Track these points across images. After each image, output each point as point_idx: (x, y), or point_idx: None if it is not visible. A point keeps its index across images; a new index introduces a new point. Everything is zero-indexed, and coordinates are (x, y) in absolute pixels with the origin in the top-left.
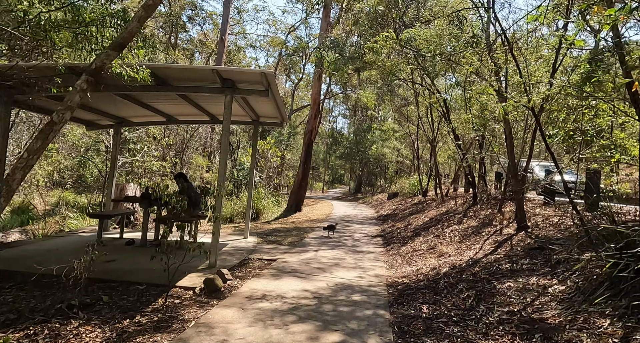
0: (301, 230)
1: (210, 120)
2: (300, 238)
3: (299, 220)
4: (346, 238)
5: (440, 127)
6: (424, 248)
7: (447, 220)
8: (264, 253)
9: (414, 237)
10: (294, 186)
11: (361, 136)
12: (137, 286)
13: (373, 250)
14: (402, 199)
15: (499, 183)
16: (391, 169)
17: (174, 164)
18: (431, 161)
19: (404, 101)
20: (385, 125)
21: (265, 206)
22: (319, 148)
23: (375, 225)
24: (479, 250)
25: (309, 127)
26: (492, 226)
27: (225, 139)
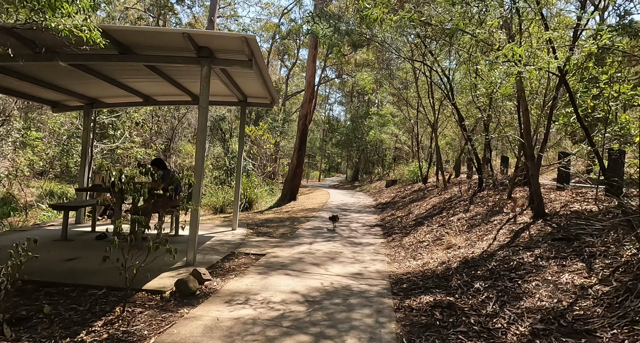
0: (295, 220)
1: (193, 101)
2: (293, 229)
3: (294, 209)
4: (343, 228)
5: (442, 110)
6: (429, 239)
7: (452, 207)
8: (252, 246)
9: (416, 227)
10: (288, 174)
11: (358, 122)
12: (95, 291)
13: (373, 242)
14: (401, 187)
15: (505, 168)
16: (389, 156)
17: (163, 152)
18: (432, 145)
19: (402, 84)
20: (383, 109)
21: (258, 195)
22: (315, 136)
23: (374, 213)
24: (492, 241)
25: (304, 112)
26: (503, 213)
27: (202, 119)
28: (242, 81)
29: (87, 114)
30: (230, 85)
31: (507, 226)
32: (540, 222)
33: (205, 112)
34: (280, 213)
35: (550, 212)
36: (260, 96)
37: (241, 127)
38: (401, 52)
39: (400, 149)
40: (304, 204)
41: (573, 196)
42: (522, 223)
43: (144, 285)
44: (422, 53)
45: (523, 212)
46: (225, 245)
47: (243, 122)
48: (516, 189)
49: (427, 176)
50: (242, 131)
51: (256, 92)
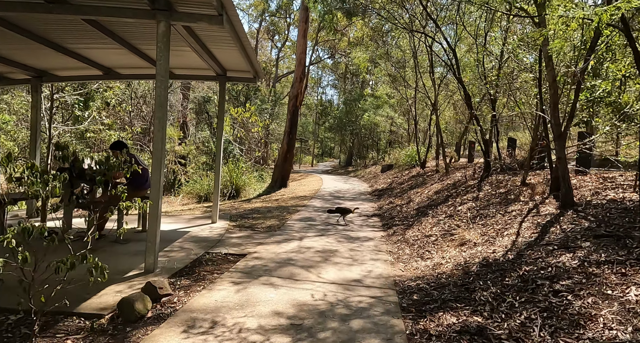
0: (284, 210)
1: None
2: (282, 220)
3: (284, 197)
4: (336, 218)
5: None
6: (437, 232)
7: (458, 194)
8: (232, 244)
9: (420, 217)
10: (278, 160)
11: (352, 105)
12: (5, 317)
13: (372, 235)
14: (397, 172)
15: (513, 151)
16: (383, 140)
17: (142, 136)
18: (430, 128)
19: (400, 63)
20: (378, 90)
21: (246, 182)
22: (308, 120)
23: (371, 201)
24: (516, 237)
25: (294, 92)
26: (521, 202)
27: (161, 91)
28: (218, 50)
29: (36, 89)
30: (205, 55)
31: (530, 218)
32: (571, 213)
33: (164, 83)
34: (269, 201)
35: (579, 201)
36: (242, 69)
37: (220, 105)
38: (400, 20)
39: (395, 132)
40: (295, 191)
41: (601, 182)
42: (547, 214)
43: (78, 305)
44: (423, 26)
45: (545, 201)
46: (201, 242)
47: (223, 100)
48: (530, 174)
49: (425, 160)
50: (221, 110)
51: (236, 65)
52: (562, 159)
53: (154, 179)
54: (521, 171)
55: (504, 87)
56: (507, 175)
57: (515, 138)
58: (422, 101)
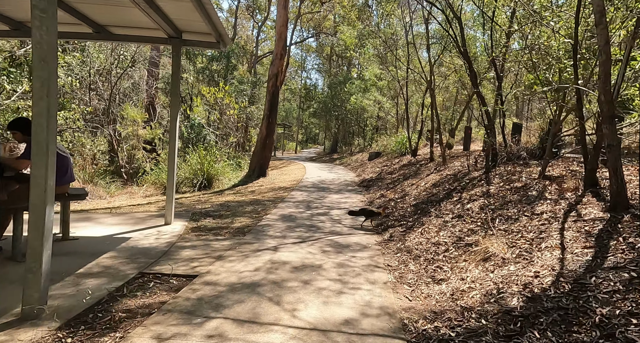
0: (260, 205)
1: (95, 33)
2: (255, 220)
3: (262, 188)
4: (321, 217)
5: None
6: (447, 239)
7: (463, 189)
8: (181, 259)
9: (420, 216)
10: (256, 146)
11: (337, 88)
12: None
13: (364, 241)
14: (386, 160)
15: (519, 137)
16: (370, 126)
17: (100, 117)
18: (422, 112)
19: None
20: (367, 70)
21: (220, 171)
22: (292, 106)
23: (359, 193)
24: (561, 253)
25: (274, 70)
26: (548, 200)
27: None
28: (165, 1)
29: None
30: (149, 9)
31: (571, 224)
32: (630, 219)
33: (41, 47)
34: (244, 193)
35: (633, 202)
36: (201, 31)
37: (174, 76)
38: None
39: (383, 118)
40: (275, 181)
41: None
42: (594, 218)
43: None
44: None
45: (582, 200)
46: (138, 256)
47: (177, 69)
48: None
49: (417, 147)
50: (175, 81)
51: (193, 24)
52: (614, 147)
53: (34, 173)
54: (532, 161)
55: (518, 60)
56: (517, 166)
57: (520, 123)
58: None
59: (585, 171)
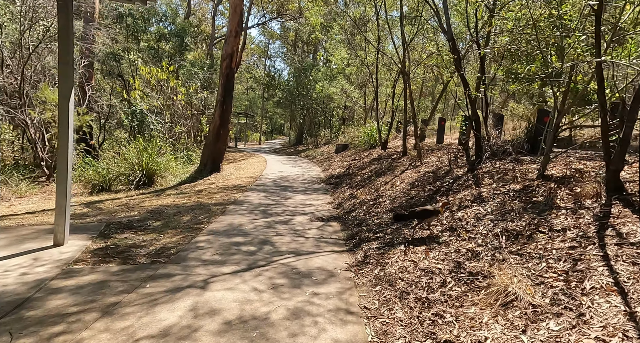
0: (204, 211)
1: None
2: (191, 233)
3: (212, 186)
4: (279, 227)
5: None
6: (441, 264)
7: (449, 190)
8: (41, 318)
9: (402, 228)
10: (208, 137)
11: (302, 76)
12: None
13: (331, 266)
14: (355, 153)
15: (501, 129)
16: (337, 117)
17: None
18: (393, 102)
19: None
20: (334, 54)
21: (163, 165)
22: (255, 94)
23: (325, 192)
24: (622, 299)
25: (228, 49)
26: (563, 210)
27: None
28: None
29: None
30: None
31: (613, 247)
32: None
33: None
34: (189, 194)
35: None
36: None
37: (61, 33)
38: None
39: (350, 108)
40: (229, 178)
41: None
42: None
43: None
44: None
45: (612, 211)
46: None
47: (67, 24)
48: (529, 159)
49: (387, 140)
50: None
51: None
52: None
53: None
54: (523, 158)
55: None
56: (505, 162)
57: (502, 114)
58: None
59: (607, 173)
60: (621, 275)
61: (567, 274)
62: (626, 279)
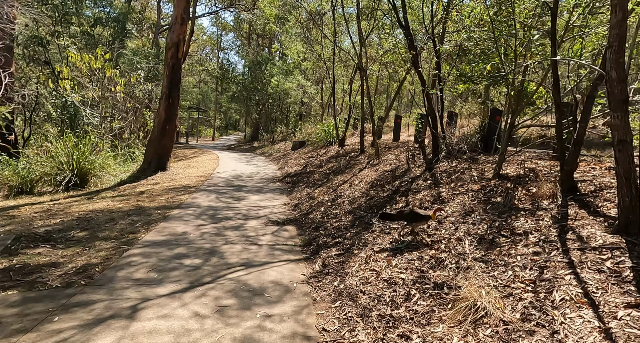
0: (143, 217)
1: None
2: (122, 246)
3: (156, 187)
4: (229, 233)
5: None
6: (404, 273)
7: (409, 191)
8: None
9: (361, 231)
10: (153, 132)
11: (257, 70)
12: None
13: (287, 280)
14: (312, 151)
15: (452, 127)
16: (294, 113)
17: None
18: (350, 98)
19: (317, 13)
20: (291, 48)
21: (100, 164)
22: (207, 88)
23: (282, 192)
24: (595, 314)
25: (174, 38)
26: (522, 212)
27: None
28: None
29: None
30: None
31: (577, 252)
32: None
33: None
34: (129, 196)
35: None
36: None
37: None
38: None
39: (307, 104)
40: (177, 177)
41: None
42: (606, 245)
43: None
44: None
45: (569, 212)
46: None
47: None
48: (484, 158)
49: (344, 137)
50: None
51: None
52: (627, 143)
53: None
54: (477, 156)
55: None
56: (461, 161)
57: (455, 112)
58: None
59: (561, 173)
60: (589, 284)
61: (534, 284)
62: (595, 289)
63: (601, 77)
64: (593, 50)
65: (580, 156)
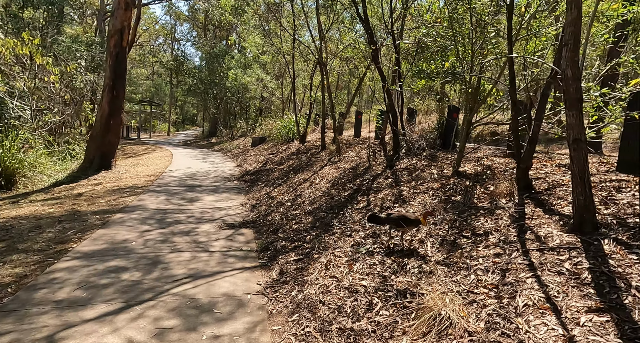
0: (76, 223)
1: None
2: (47, 257)
3: (98, 188)
4: (178, 240)
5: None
6: (366, 279)
7: (370, 190)
8: None
9: (321, 233)
10: (95, 128)
11: (214, 63)
12: None
13: (240, 291)
14: (272, 147)
15: (412, 124)
16: (254, 108)
17: None
18: (311, 92)
19: (275, 5)
20: (248, 40)
21: (31, 163)
22: (161, 80)
23: (239, 192)
24: (558, 320)
25: (117, 25)
26: (482, 211)
27: None
28: None
29: None
30: None
31: (536, 253)
32: (615, 246)
33: None
34: (62, 199)
35: (603, 220)
36: None
37: None
38: None
39: (267, 99)
40: (123, 176)
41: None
42: (563, 245)
43: None
44: None
45: (526, 210)
46: None
47: None
48: (442, 155)
49: (305, 133)
50: None
51: None
52: (581, 142)
53: None
54: (437, 154)
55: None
56: (421, 158)
57: (414, 108)
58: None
59: (517, 171)
60: (550, 288)
61: (497, 288)
62: (556, 293)
63: (554, 76)
64: (543, 49)
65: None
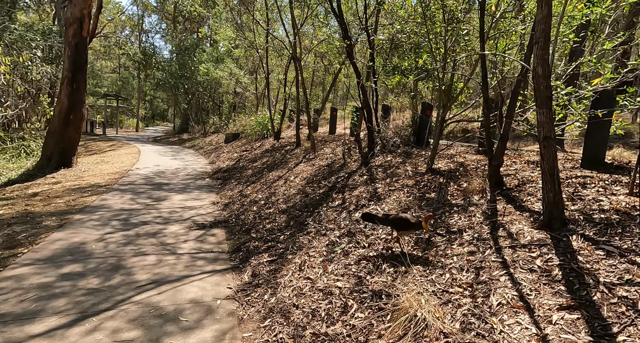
0: (28, 226)
1: None
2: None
3: (56, 187)
4: (142, 242)
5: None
6: (341, 280)
7: (345, 187)
8: None
9: (296, 233)
10: (53, 123)
11: (185, 56)
12: None
13: (210, 297)
14: (246, 143)
15: (386, 120)
16: (227, 103)
17: None
18: (285, 88)
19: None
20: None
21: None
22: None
23: (211, 190)
24: (532, 320)
25: (76, 13)
26: (455, 208)
27: None
28: None
29: None
30: None
31: (508, 250)
32: (583, 242)
33: None
34: (14, 200)
35: (571, 216)
36: None
37: None
38: None
39: (241, 95)
40: (85, 174)
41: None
42: (533, 242)
43: None
44: None
45: (498, 207)
46: None
47: None
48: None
49: (280, 129)
50: None
51: None
52: (551, 140)
53: None
54: (410, 150)
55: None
56: (395, 155)
57: (389, 105)
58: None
59: (489, 168)
60: (523, 285)
61: (472, 288)
62: (529, 291)
63: (525, 73)
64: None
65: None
